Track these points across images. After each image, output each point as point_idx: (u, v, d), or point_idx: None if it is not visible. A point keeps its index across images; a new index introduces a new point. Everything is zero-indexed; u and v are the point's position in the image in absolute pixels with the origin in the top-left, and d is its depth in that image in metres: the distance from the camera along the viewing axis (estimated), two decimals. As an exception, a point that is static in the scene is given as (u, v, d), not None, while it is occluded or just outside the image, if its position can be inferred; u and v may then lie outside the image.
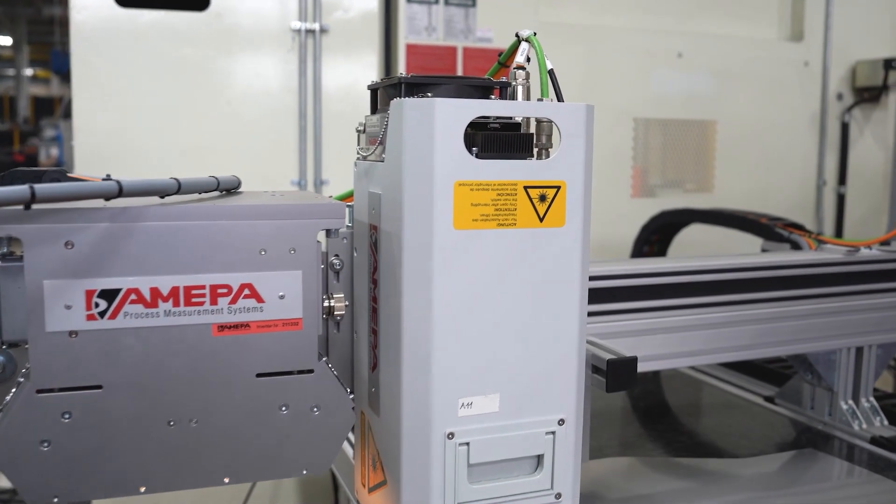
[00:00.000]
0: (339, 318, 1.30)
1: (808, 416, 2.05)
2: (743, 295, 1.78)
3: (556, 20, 3.32)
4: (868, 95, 3.78)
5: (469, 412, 1.13)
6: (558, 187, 1.12)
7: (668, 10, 3.56)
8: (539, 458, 1.18)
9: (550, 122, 1.14)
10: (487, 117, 1.14)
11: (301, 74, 2.88)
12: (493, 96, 1.18)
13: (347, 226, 1.31)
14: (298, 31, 2.86)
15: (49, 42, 16.40)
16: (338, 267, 1.29)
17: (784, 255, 1.95)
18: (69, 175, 1.10)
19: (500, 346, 1.13)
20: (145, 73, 2.73)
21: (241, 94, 2.84)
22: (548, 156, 1.14)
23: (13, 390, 1.06)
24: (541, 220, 1.12)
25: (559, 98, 1.20)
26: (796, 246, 2.09)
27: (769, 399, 2.16)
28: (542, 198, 1.12)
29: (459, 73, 3.06)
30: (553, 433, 1.18)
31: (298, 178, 2.89)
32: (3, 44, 18.24)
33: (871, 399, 2.00)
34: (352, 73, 2.96)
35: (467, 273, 1.10)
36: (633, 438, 2.03)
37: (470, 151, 1.08)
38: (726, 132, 3.65)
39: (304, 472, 1.17)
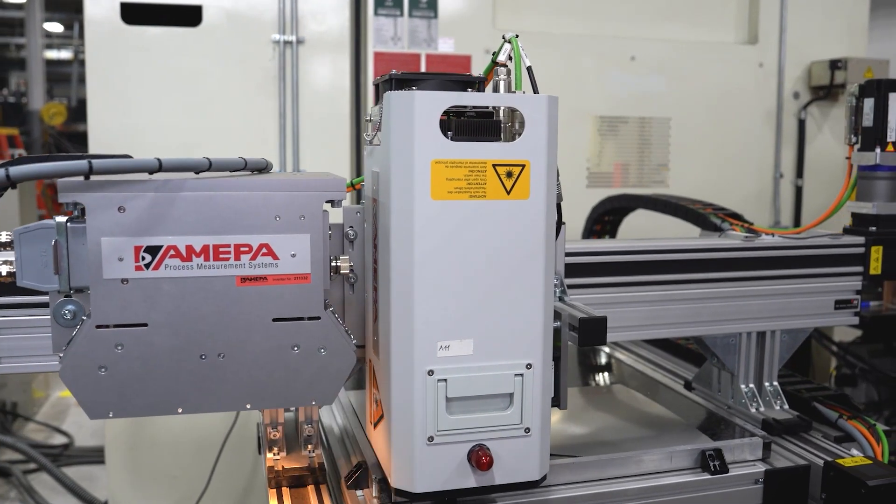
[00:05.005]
0: (352, 279, 1.53)
1: (716, 400, 2.13)
2: (632, 277, 1.89)
3: (513, 28, 3.53)
4: (822, 94, 3.96)
5: (446, 353, 1.34)
6: (523, 166, 1.33)
7: (624, 17, 3.76)
8: (510, 396, 1.38)
9: (519, 110, 1.35)
10: (465, 106, 1.35)
11: (280, 80, 3.24)
12: (471, 89, 1.40)
13: (362, 202, 1.55)
14: (278, 42, 3.23)
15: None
16: (352, 236, 1.53)
17: (676, 240, 2.03)
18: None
19: (473, 299, 1.34)
20: (149, 79, 3.15)
21: (230, 97, 3.22)
22: (517, 139, 1.35)
23: (78, 326, 1.33)
24: (508, 192, 1.33)
25: (535, 90, 1.41)
26: (728, 235, 2.18)
27: (688, 383, 2.27)
28: (509, 174, 1.33)
29: None
30: (521, 375, 1.38)
31: (279, 168, 3.25)
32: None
33: (776, 383, 2.07)
34: (326, 78, 3.32)
35: (444, 236, 1.31)
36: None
37: (445, 135, 1.30)
38: (681, 129, 3.82)
39: (313, 402, 1.41)
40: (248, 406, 1.39)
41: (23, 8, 13.74)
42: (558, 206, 1.45)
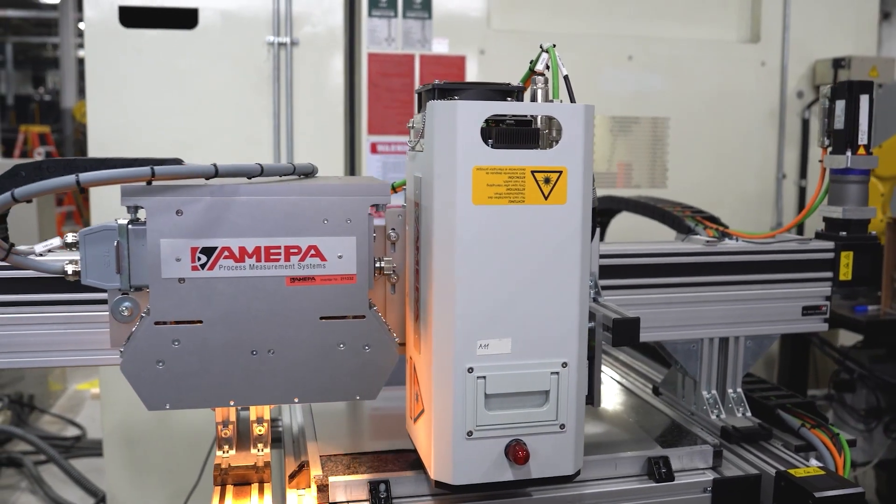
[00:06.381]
0: (395, 280, 1.60)
1: (679, 406, 2.10)
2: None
3: (509, 28, 3.59)
4: None
5: (486, 352, 1.40)
6: (560, 172, 1.39)
7: (621, 16, 3.76)
8: (546, 393, 1.44)
9: (557, 119, 1.40)
10: (505, 115, 1.41)
11: (275, 81, 3.33)
12: (510, 98, 1.46)
13: (402, 205, 1.61)
14: (272, 44, 3.32)
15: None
16: (394, 238, 1.59)
17: (633, 245, 1.99)
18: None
19: (511, 299, 1.40)
20: (147, 80, 3.25)
21: (226, 98, 3.31)
22: (554, 146, 1.40)
23: (137, 323, 1.40)
24: (546, 198, 1.39)
25: (571, 99, 1.46)
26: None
27: (656, 388, 2.24)
28: (547, 180, 1.38)
29: (416, 77, 3.48)
30: (557, 373, 1.44)
31: None
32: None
33: (739, 390, 2.03)
34: (320, 79, 3.39)
35: (484, 240, 1.37)
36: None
37: (486, 143, 1.36)
38: (680, 129, 3.80)
39: (357, 397, 1.47)
40: (296, 400, 1.46)
41: (57, 8, 14.04)
42: (593, 210, 1.50)
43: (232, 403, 1.43)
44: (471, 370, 1.40)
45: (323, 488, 1.57)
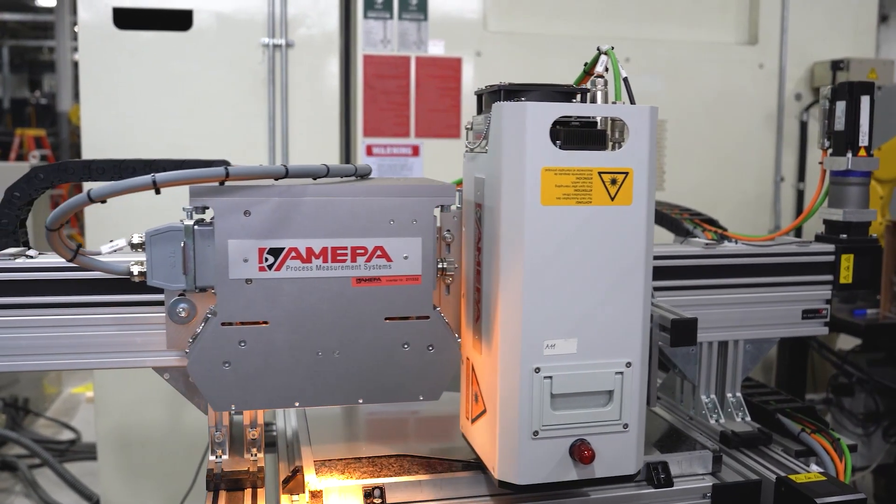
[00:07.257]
0: (449, 281, 1.60)
1: (678, 411, 2.09)
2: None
3: (505, 30, 3.58)
4: None
5: (552, 352, 1.41)
6: (626, 173, 1.40)
7: (618, 19, 3.76)
8: (610, 393, 1.45)
9: (621, 120, 1.41)
10: (570, 116, 1.42)
11: (270, 83, 3.31)
12: (574, 100, 1.47)
13: (457, 206, 1.61)
14: (268, 45, 3.30)
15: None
16: (449, 239, 1.59)
17: None
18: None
19: (577, 300, 1.40)
20: (141, 82, 3.23)
21: (220, 100, 3.29)
22: (620, 148, 1.41)
23: (202, 324, 1.39)
24: (612, 199, 1.40)
25: (631, 101, 1.48)
26: (699, 240, 2.13)
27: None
28: (613, 181, 1.39)
29: (412, 79, 3.46)
30: (621, 373, 1.44)
31: None
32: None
33: (738, 394, 2.01)
34: (315, 81, 3.38)
35: (551, 240, 1.38)
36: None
37: (554, 144, 1.36)
38: (678, 131, 3.80)
39: (421, 398, 1.47)
40: (360, 400, 1.45)
41: (53, 12, 13.85)
42: (652, 212, 1.51)
43: (297, 404, 1.43)
44: (537, 370, 1.41)
45: (316, 494, 1.54)
